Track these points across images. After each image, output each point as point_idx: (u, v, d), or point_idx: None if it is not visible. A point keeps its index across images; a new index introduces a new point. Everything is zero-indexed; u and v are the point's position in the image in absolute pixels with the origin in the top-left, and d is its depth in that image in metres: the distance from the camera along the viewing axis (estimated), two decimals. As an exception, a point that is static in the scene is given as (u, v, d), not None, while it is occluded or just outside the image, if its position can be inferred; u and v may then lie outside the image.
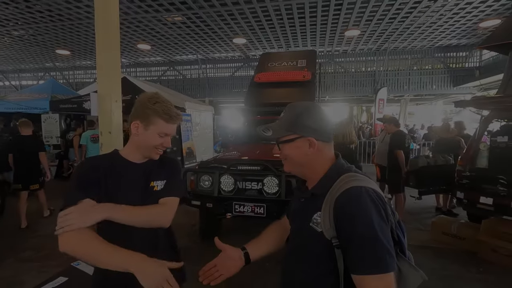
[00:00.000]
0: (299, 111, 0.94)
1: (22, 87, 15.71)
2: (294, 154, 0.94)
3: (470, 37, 10.79)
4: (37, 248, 3.61)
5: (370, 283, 0.77)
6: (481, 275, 3.06)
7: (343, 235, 0.82)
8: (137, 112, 1.15)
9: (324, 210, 0.86)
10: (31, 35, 10.54)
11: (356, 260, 0.80)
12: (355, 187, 0.83)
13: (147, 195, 1.17)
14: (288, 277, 1.00)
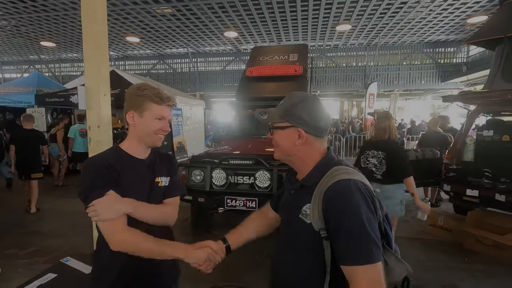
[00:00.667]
0: (296, 100, 0.95)
1: (6, 80, 15.18)
2: (283, 142, 0.96)
3: (458, 33, 10.98)
4: (24, 245, 3.53)
5: (358, 273, 0.79)
6: (467, 264, 3.16)
7: (332, 227, 0.83)
8: (129, 103, 1.16)
9: (313, 202, 0.87)
10: (14, 26, 10.17)
11: (344, 251, 0.82)
12: (344, 179, 0.85)
13: (153, 191, 1.19)
14: (278, 268, 1.02)
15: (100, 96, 2.49)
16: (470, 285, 2.79)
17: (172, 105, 1.18)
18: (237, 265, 3.05)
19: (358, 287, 0.80)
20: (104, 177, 1.08)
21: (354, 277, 0.80)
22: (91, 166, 1.12)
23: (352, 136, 11.01)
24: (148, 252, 1.07)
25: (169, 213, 1.22)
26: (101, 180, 1.07)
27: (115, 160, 1.14)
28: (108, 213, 1.04)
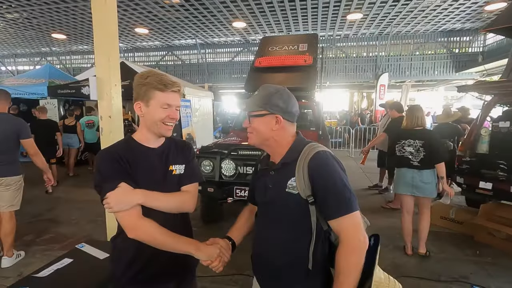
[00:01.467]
0: (271, 91, 1.10)
1: (19, 72, 15.49)
2: (261, 128, 1.09)
3: (474, 21, 10.58)
4: (40, 232, 3.66)
5: (346, 221, 0.98)
6: (478, 257, 3.13)
7: (320, 189, 1.00)
8: (135, 93, 1.15)
9: (298, 174, 1.03)
10: (26, 18, 10.30)
11: (333, 206, 0.99)
12: (320, 151, 1.04)
13: (167, 179, 1.19)
14: (265, 245, 1.14)
15: (111, 86, 2.51)
16: (481, 278, 2.76)
17: (177, 90, 1.15)
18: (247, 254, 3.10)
19: (347, 232, 0.98)
20: (115, 169, 1.09)
21: (342, 226, 0.98)
22: (103, 158, 1.13)
23: (361, 128, 10.86)
24: (161, 245, 1.09)
25: (185, 201, 1.21)
26: (112, 172, 1.09)
27: (127, 150, 1.15)
28: (119, 205, 1.06)
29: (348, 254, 0.96)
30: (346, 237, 0.97)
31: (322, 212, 1.02)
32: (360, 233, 0.98)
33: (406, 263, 2.99)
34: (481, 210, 3.59)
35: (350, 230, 0.98)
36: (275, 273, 1.11)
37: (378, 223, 3.97)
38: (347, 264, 0.96)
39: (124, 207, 1.06)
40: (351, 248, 0.96)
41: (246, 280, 2.67)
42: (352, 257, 0.96)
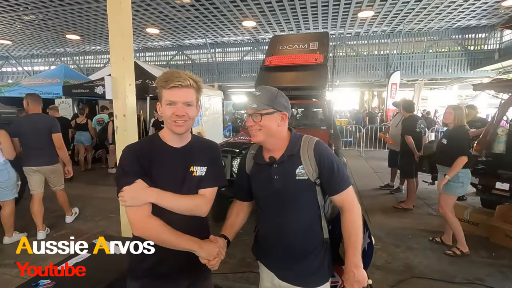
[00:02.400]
0: (274, 91, 1.22)
1: (35, 73, 15.92)
2: (270, 125, 1.20)
3: (490, 17, 10.29)
4: (56, 227, 3.77)
5: (348, 194, 1.21)
6: (494, 259, 3.05)
7: (326, 171, 1.19)
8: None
9: (305, 162, 1.20)
10: (41, 20, 10.58)
11: (338, 183, 1.20)
12: (319, 140, 1.24)
13: (186, 180, 1.18)
14: (280, 230, 1.25)
15: (125, 85, 2.56)
16: (497, 280, 2.69)
17: (180, 85, 1.10)
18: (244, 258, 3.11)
19: (350, 202, 1.21)
20: (135, 165, 1.11)
21: (344, 199, 1.21)
22: (125, 154, 1.15)
23: (372, 127, 10.71)
24: (165, 242, 1.11)
25: (198, 204, 1.19)
26: (131, 168, 1.11)
27: (149, 148, 1.17)
28: (133, 201, 1.09)
29: (355, 218, 1.19)
30: (350, 206, 1.20)
31: (327, 189, 1.22)
32: (356, 201, 1.22)
33: (419, 264, 2.94)
34: (497, 212, 3.50)
35: (352, 200, 1.21)
36: (290, 250, 1.25)
37: (390, 223, 3.92)
38: (354, 225, 1.18)
39: (137, 203, 1.09)
40: (355, 213, 1.20)
41: (256, 277, 2.67)
42: (357, 219, 1.19)
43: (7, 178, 3.15)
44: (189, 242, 1.14)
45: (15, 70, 17.60)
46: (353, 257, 1.16)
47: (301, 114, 4.85)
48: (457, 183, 3.00)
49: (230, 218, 1.40)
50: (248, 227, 1.47)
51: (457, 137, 3.00)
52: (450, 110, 3.11)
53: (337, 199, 1.21)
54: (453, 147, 2.98)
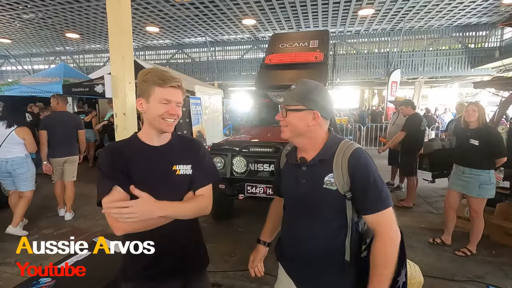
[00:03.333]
0: (310, 86, 1.10)
1: (34, 71, 15.90)
2: (297, 123, 1.09)
3: (491, 14, 10.25)
4: (58, 226, 3.78)
5: (384, 216, 1.02)
6: (494, 257, 3.06)
7: (360, 185, 1.03)
8: (138, 90, 1.16)
9: (336, 170, 1.05)
10: (41, 19, 10.55)
11: (373, 201, 1.03)
12: (358, 148, 1.07)
13: (170, 180, 1.16)
14: (299, 238, 1.16)
15: (125, 84, 2.56)
16: (497, 278, 2.70)
17: (177, 86, 1.13)
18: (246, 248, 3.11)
19: (384, 227, 1.02)
20: (111, 168, 1.09)
21: (379, 221, 1.02)
22: (102, 155, 1.13)
23: (373, 125, 10.70)
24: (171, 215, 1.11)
25: (201, 206, 1.18)
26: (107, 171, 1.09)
27: (127, 148, 1.15)
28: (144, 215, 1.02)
29: (386, 247, 1.01)
30: (383, 231, 1.02)
31: (358, 206, 1.06)
32: (395, 227, 1.03)
33: (419, 262, 2.93)
34: (498, 210, 3.50)
35: (387, 225, 1.02)
36: (309, 263, 1.14)
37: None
38: (385, 257, 1.01)
39: (147, 216, 1.04)
40: (388, 242, 1.01)
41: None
42: (389, 250, 1.01)
43: (27, 170, 3.51)
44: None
45: (14, 69, 17.57)
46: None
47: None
48: (490, 185, 2.88)
49: (270, 221, 1.40)
50: (248, 225, 1.47)
51: (493, 138, 2.84)
52: (474, 107, 2.90)
53: (369, 220, 1.04)
54: (491, 148, 2.81)
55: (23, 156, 3.48)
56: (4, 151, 3.38)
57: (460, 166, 3.04)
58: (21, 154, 3.47)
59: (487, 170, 2.87)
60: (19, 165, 3.44)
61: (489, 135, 2.86)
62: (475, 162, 2.90)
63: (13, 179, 3.50)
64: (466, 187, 2.97)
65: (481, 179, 2.87)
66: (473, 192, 2.92)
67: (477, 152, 2.87)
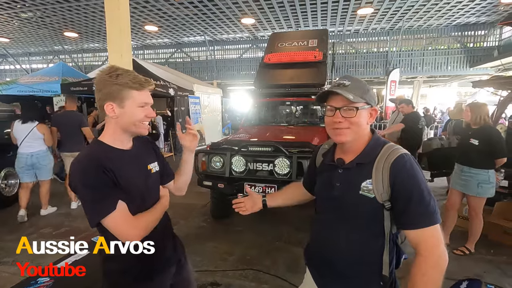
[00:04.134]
0: (364, 82, 1.01)
1: (33, 70, 15.85)
2: (361, 122, 0.99)
3: (490, 14, 10.27)
4: (56, 225, 3.76)
5: (428, 234, 0.90)
6: (492, 256, 3.07)
7: (402, 196, 0.92)
8: (104, 92, 1.04)
9: (376, 177, 0.95)
10: (39, 17, 10.51)
11: (416, 216, 0.91)
12: (404, 154, 0.95)
13: (150, 179, 1.18)
14: (330, 244, 1.07)
15: (123, 83, 2.55)
16: (495, 277, 2.70)
17: (151, 88, 1.10)
18: (257, 250, 3.12)
19: (427, 246, 0.90)
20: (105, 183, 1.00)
21: (423, 238, 0.90)
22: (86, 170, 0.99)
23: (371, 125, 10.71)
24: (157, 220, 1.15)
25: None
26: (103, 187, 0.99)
27: (107, 158, 1.04)
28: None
29: (427, 269, 0.89)
30: (426, 251, 0.90)
31: (399, 219, 0.95)
32: (441, 248, 0.90)
33: (418, 261, 2.96)
34: (496, 208, 3.52)
35: (431, 244, 0.90)
36: (338, 273, 1.05)
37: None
38: (425, 280, 0.89)
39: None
40: (431, 264, 0.89)
41: (256, 274, 2.69)
42: (432, 273, 0.89)
43: (49, 162, 3.99)
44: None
45: (13, 68, 17.51)
46: None
47: (300, 112, 4.85)
48: (489, 185, 2.89)
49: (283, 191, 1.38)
50: (247, 225, 1.48)
51: (493, 138, 2.84)
52: (466, 108, 3.01)
53: (411, 236, 0.92)
54: (491, 148, 2.82)
55: (45, 150, 3.93)
56: (27, 146, 3.79)
57: (460, 165, 3.06)
58: (43, 147, 3.90)
59: (486, 169, 2.88)
60: (42, 158, 3.88)
61: (490, 135, 2.87)
62: (474, 161, 2.92)
63: (35, 171, 3.90)
64: (466, 186, 2.99)
65: (479, 178, 2.89)
66: (472, 191, 2.94)
67: (476, 152, 2.88)
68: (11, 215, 4.10)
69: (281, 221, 3.76)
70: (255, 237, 3.43)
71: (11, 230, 3.60)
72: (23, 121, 3.80)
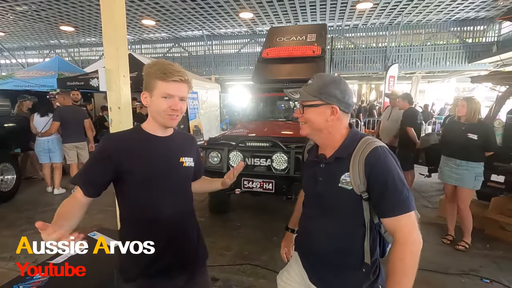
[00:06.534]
0: (327, 80, 1.06)
1: (29, 65, 15.67)
2: (315, 119, 1.06)
3: (489, 9, 10.22)
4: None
5: (404, 221, 0.96)
6: (488, 251, 3.10)
7: (377, 187, 0.97)
8: (144, 82, 1.12)
9: (353, 169, 1.00)
10: (34, 11, 10.35)
11: (391, 204, 0.96)
12: (378, 146, 1.00)
13: (176, 169, 1.19)
14: (316, 235, 1.14)
15: (120, 77, 2.52)
16: (491, 271, 2.73)
17: (180, 79, 1.08)
18: (255, 245, 3.13)
19: (403, 232, 0.96)
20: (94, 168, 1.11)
21: (398, 225, 0.96)
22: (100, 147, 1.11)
23: (369, 120, 10.72)
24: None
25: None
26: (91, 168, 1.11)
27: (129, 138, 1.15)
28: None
29: (404, 254, 0.95)
30: (402, 238, 0.96)
31: (376, 209, 1.01)
32: (416, 233, 0.96)
33: (415, 256, 2.98)
34: (492, 204, 3.54)
35: (406, 231, 0.96)
36: (325, 261, 1.13)
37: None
38: (403, 264, 0.95)
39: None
40: (408, 249, 0.95)
41: (254, 269, 2.70)
42: (409, 258, 0.94)
43: (60, 147, 4.78)
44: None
45: (8, 63, 17.29)
46: None
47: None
48: (481, 177, 3.01)
49: (297, 210, 1.40)
50: (245, 220, 1.49)
51: (491, 134, 2.97)
52: (463, 103, 3.04)
53: (387, 224, 0.99)
54: (486, 142, 2.92)
55: (58, 137, 4.79)
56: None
57: (455, 159, 3.09)
58: (56, 136, 4.76)
59: (481, 162, 3.00)
60: (56, 143, 4.76)
61: (488, 130, 2.98)
62: (473, 155, 2.98)
63: (50, 154, 4.75)
64: (461, 180, 3.04)
65: (477, 171, 2.98)
66: (469, 184, 3.01)
67: (475, 146, 2.96)
68: (8, 210, 4.09)
69: (279, 217, 3.77)
70: (252, 232, 3.44)
71: (9, 226, 3.60)
72: (41, 114, 4.74)
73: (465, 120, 3.02)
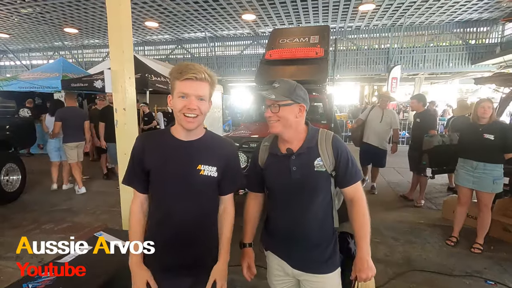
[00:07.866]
0: (292, 83, 1.25)
1: (33, 67, 15.80)
2: (288, 116, 1.22)
3: (493, 10, 10.18)
4: (58, 221, 3.78)
5: (358, 186, 1.27)
6: (492, 252, 3.08)
7: (342, 164, 1.24)
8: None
9: (323, 154, 1.24)
10: (39, 13, 10.45)
11: (351, 175, 1.25)
12: (335, 134, 1.28)
13: (193, 177, 1.13)
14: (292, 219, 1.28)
15: (125, 79, 2.54)
16: (495, 273, 2.72)
17: (195, 77, 1.04)
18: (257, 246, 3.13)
19: (359, 195, 1.26)
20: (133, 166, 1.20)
21: (355, 191, 1.26)
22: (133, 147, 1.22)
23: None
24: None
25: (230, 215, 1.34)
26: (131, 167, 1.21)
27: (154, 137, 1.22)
28: None
29: (364, 210, 1.24)
30: (359, 199, 1.25)
31: (340, 181, 1.27)
32: (364, 193, 1.28)
33: (418, 257, 2.97)
34: (496, 205, 3.52)
35: (360, 193, 1.27)
36: (306, 238, 1.28)
37: (389, 217, 3.95)
38: (364, 217, 1.23)
39: None
40: (364, 205, 1.25)
41: (258, 270, 2.69)
42: (366, 211, 1.24)
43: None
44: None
45: (13, 64, 17.45)
46: (367, 246, 1.21)
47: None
48: (501, 180, 2.92)
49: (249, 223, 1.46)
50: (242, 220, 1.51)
51: (509, 133, 2.85)
52: (489, 104, 2.93)
53: (349, 190, 1.26)
54: (506, 142, 2.82)
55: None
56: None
57: (472, 162, 3.00)
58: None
59: (500, 164, 2.88)
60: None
61: (504, 129, 2.87)
62: (490, 156, 2.89)
63: (60, 152, 4.99)
64: (479, 183, 2.96)
65: (495, 174, 2.89)
66: (487, 187, 2.92)
67: (492, 147, 2.86)
68: (14, 210, 4.13)
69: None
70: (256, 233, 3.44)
71: (15, 226, 3.63)
72: (51, 114, 4.94)
73: (486, 122, 2.93)
